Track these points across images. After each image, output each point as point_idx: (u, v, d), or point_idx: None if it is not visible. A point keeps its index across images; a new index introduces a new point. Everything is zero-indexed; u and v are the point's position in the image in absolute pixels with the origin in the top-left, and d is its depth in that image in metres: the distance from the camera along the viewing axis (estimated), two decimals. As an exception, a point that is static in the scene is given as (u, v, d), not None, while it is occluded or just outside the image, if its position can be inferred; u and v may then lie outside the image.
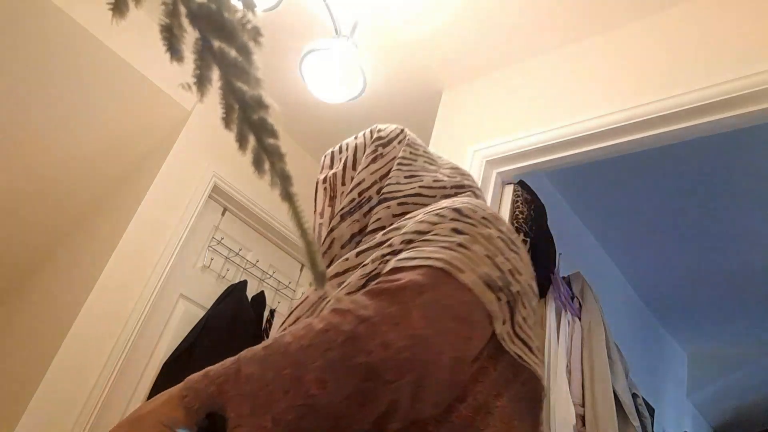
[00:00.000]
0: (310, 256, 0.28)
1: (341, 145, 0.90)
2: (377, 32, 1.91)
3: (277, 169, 0.28)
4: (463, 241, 0.56)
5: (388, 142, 0.83)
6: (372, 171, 0.79)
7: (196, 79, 0.31)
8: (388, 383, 0.46)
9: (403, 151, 0.82)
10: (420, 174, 0.78)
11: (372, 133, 0.87)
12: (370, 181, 0.78)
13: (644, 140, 1.50)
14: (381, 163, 0.80)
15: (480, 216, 0.61)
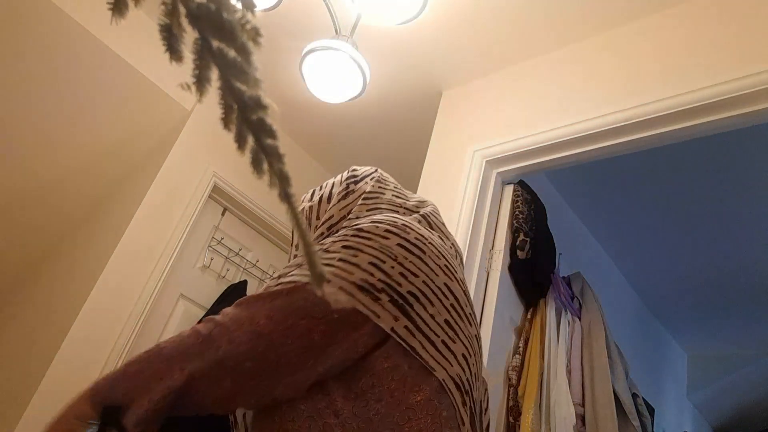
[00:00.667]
0: (309, 257, 0.28)
1: (322, 183, 0.95)
2: (377, 32, 1.91)
3: (275, 170, 0.28)
4: (345, 256, 0.67)
5: (360, 179, 0.90)
6: (341, 207, 0.85)
7: (195, 79, 0.31)
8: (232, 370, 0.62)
9: (372, 186, 0.88)
10: (382, 207, 0.84)
11: (347, 173, 0.94)
12: (338, 216, 0.84)
13: (644, 140, 1.50)
14: (350, 198, 0.86)
15: (383, 230, 0.71)
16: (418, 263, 0.70)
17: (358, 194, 0.87)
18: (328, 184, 0.93)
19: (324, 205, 0.88)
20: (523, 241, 1.74)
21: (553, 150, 1.65)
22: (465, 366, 0.70)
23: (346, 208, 0.85)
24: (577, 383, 1.79)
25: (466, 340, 0.72)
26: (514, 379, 1.63)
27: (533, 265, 1.78)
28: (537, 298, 1.82)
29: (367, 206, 0.84)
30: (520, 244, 1.74)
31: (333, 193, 0.89)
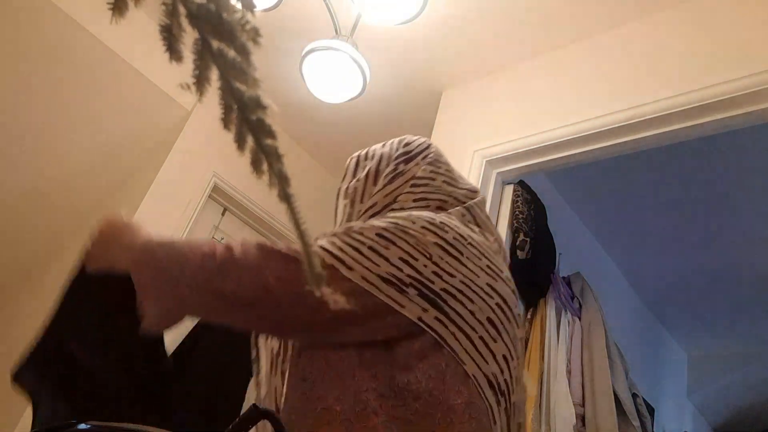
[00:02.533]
0: (308, 258, 0.28)
1: (368, 151, 0.87)
2: (377, 32, 1.91)
3: (275, 170, 0.28)
4: (375, 245, 0.64)
5: (412, 158, 0.82)
6: (386, 193, 0.78)
7: (195, 79, 0.31)
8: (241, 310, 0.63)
9: (423, 170, 0.81)
10: (430, 197, 0.78)
11: (399, 145, 0.85)
12: (382, 204, 0.78)
13: (644, 140, 1.50)
14: (399, 182, 0.79)
15: (419, 226, 0.67)
16: (455, 264, 0.66)
17: (407, 178, 0.80)
18: (376, 155, 0.84)
19: (369, 187, 0.80)
20: (523, 241, 1.74)
21: (553, 150, 1.65)
22: (504, 367, 0.66)
23: (392, 194, 0.78)
24: (577, 383, 1.79)
25: (509, 341, 0.68)
26: (514, 379, 1.63)
27: (533, 265, 1.78)
28: (537, 298, 1.82)
29: (415, 195, 0.78)
30: (520, 244, 1.74)
31: (380, 171, 0.82)
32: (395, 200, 0.78)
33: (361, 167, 0.84)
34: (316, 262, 0.29)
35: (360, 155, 0.87)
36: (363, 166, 0.84)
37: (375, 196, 0.79)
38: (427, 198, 0.78)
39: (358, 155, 0.88)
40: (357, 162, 0.86)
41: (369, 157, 0.85)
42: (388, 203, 0.77)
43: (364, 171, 0.83)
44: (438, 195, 0.79)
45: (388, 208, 0.77)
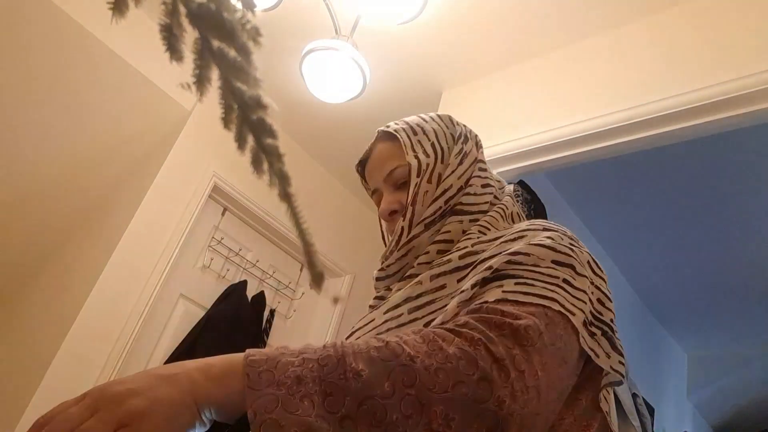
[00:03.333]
0: (308, 257, 0.28)
1: (412, 126, 0.78)
2: (377, 32, 1.91)
3: (275, 169, 0.28)
4: (567, 277, 0.56)
5: (467, 138, 0.78)
6: (458, 175, 0.73)
7: (195, 79, 0.31)
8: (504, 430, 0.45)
9: (480, 153, 0.78)
10: (490, 183, 0.75)
11: (446, 120, 0.80)
12: (457, 187, 0.72)
13: (644, 140, 1.50)
14: (466, 164, 0.75)
15: (567, 242, 0.60)
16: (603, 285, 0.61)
17: (472, 160, 0.75)
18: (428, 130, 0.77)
19: (438, 165, 0.73)
20: (523, 241, 1.74)
21: (553, 150, 1.65)
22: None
23: (463, 176, 0.73)
24: (577, 383, 1.79)
25: None
26: (514, 379, 1.62)
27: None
28: (537, 298, 1.82)
29: (482, 180, 0.74)
30: (520, 244, 1.74)
31: (444, 149, 0.75)
32: (467, 183, 0.73)
33: (416, 142, 0.75)
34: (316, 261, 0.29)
35: (406, 129, 0.77)
36: (417, 141, 0.75)
37: (449, 179, 0.72)
38: (489, 183, 0.75)
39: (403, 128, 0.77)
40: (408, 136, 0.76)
41: (418, 132, 0.77)
42: (461, 186, 0.73)
43: (428, 147, 0.75)
44: (494, 180, 0.77)
45: (461, 191, 0.72)
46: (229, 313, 2.19)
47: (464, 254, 0.62)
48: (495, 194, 0.75)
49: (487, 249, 0.61)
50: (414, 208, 0.71)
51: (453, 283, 0.60)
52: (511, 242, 0.60)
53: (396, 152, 0.76)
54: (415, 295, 0.62)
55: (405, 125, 0.78)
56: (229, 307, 2.21)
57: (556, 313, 0.52)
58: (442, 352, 0.45)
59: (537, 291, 0.53)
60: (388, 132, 0.78)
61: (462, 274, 0.60)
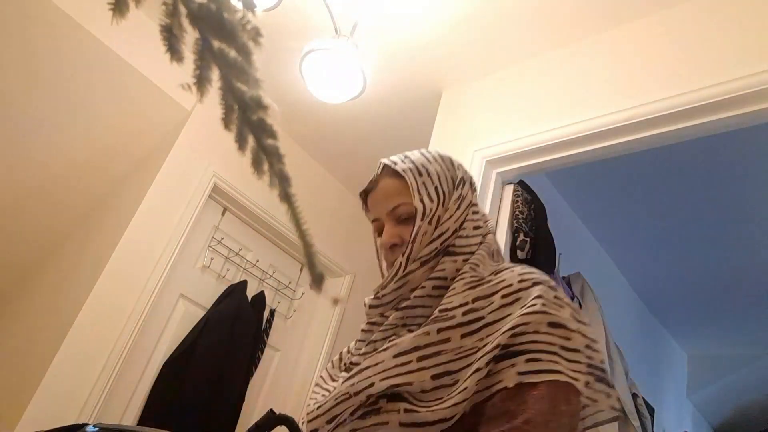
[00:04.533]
0: (308, 258, 0.28)
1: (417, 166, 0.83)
2: (377, 32, 1.91)
3: (276, 170, 0.28)
4: (562, 342, 0.65)
5: (464, 182, 0.85)
6: (455, 219, 0.81)
7: (195, 80, 0.31)
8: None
9: (474, 196, 0.86)
10: (481, 225, 0.83)
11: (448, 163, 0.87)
12: (452, 230, 0.80)
13: (644, 140, 1.50)
14: (462, 208, 0.82)
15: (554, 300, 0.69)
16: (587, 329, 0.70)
17: (467, 204, 0.84)
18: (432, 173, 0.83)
19: (440, 209, 0.80)
20: (523, 241, 1.74)
21: (553, 150, 1.65)
22: None
23: (459, 219, 0.81)
24: (577, 383, 1.79)
25: None
26: (514, 379, 1.62)
27: (533, 265, 1.77)
28: (537, 298, 1.82)
29: (474, 222, 0.83)
30: (520, 244, 1.74)
31: (446, 193, 0.82)
32: (461, 226, 0.81)
33: (421, 185, 0.82)
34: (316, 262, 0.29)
35: (412, 169, 0.83)
36: (422, 183, 0.82)
37: (447, 223, 0.80)
38: (480, 225, 0.83)
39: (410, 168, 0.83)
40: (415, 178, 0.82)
41: (423, 173, 0.83)
42: (456, 229, 0.81)
43: (431, 191, 0.81)
44: (484, 221, 0.85)
45: (456, 234, 0.80)
46: (229, 313, 2.19)
47: (466, 311, 0.70)
48: (483, 234, 0.83)
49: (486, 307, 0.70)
50: (413, 246, 0.79)
51: (457, 338, 0.68)
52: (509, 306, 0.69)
53: (402, 190, 0.83)
54: (424, 345, 0.69)
55: (411, 165, 0.84)
56: (229, 307, 2.21)
57: (563, 384, 0.62)
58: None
59: (544, 366, 0.62)
60: (395, 170, 0.84)
61: (465, 330, 0.69)
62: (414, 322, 0.75)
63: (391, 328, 0.76)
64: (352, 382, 0.70)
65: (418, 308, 0.76)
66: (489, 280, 0.74)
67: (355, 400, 0.69)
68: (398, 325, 0.76)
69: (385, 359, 0.70)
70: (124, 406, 1.93)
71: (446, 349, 0.68)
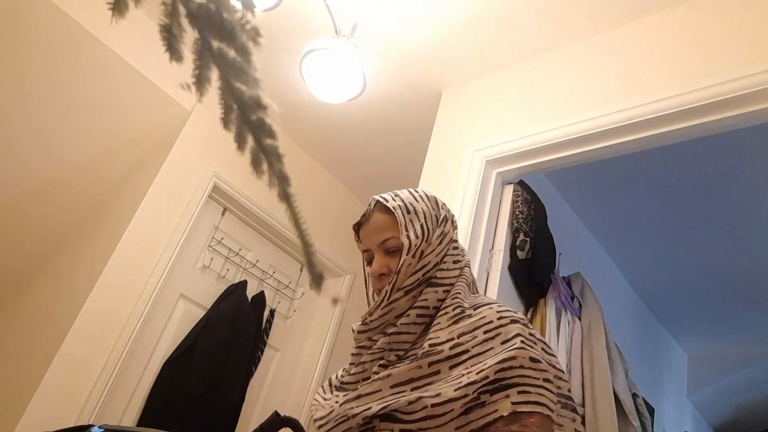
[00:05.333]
0: (307, 258, 0.28)
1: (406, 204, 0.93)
2: (377, 32, 1.91)
3: (275, 170, 0.28)
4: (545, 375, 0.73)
5: (446, 220, 0.94)
6: (437, 253, 0.89)
7: (195, 79, 0.31)
8: None
9: (455, 233, 0.95)
10: (460, 259, 0.92)
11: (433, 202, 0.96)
12: (434, 263, 0.89)
13: (644, 140, 1.50)
14: (444, 244, 0.91)
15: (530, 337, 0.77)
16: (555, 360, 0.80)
17: (449, 240, 0.92)
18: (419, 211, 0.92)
19: (423, 244, 0.89)
20: (523, 241, 1.74)
21: (553, 150, 1.65)
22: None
23: (440, 254, 0.90)
24: (577, 383, 1.79)
25: None
26: (514, 379, 1.62)
27: (533, 265, 1.78)
28: (537, 298, 1.82)
29: (454, 257, 0.91)
30: (520, 244, 1.74)
31: (430, 230, 0.91)
32: (442, 260, 0.89)
33: (408, 221, 0.91)
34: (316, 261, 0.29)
35: (401, 206, 0.92)
36: (410, 220, 0.91)
37: (429, 256, 0.88)
38: (460, 261, 0.92)
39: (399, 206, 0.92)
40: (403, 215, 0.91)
41: (411, 211, 0.92)
42: (437, 262, 0.89)
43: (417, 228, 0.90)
44: (462, 255, 0.93)
45: (437, 267, 0.89)
46: (229, 313, 2.19)
47: (453, 346, 0.78)
48: (462, 267, 0.91)
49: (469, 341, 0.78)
50: (398, 277, 0.87)
51: (446, 369, 0.76)
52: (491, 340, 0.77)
53: (392, 225, 0.92)
54: (417, 377, 0.77)
55: (401, 203, 0.93)
56: (229, 307, 2.21)
57: (546, 417, 0.71)
58: None
59: (533, 398, 0.71)
60: (386, 206, 0.93)
61: (453, 362, 0.76)
62: (400, 347, 0.83)
63: (379, 351, 0.83)
64: (351, 406, 0.77)
65: (404, 335, 0.83)
66: (470, 314, 0.82)
67: (353, 422, 0.76)
68: (385, 349, 0.83)
69: (382, 389, 0.78)
70: (124, 406, 1.93)
71: (437, 379, 0.75)
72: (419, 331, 0.84)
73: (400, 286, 0.87)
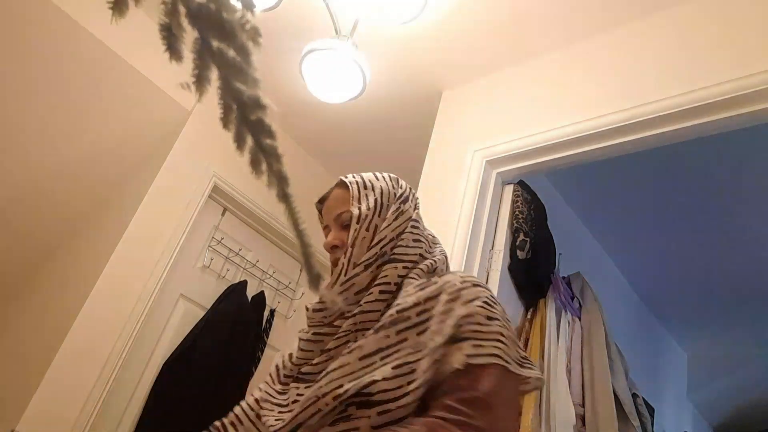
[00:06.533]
0: (305, 258, 0.28)
1: (365, 180, 0.93)
2: (377, 32, 1.91)
3: (274, 170, 0.28)
4: (501, 330, 0.75)
5: (407, 199, 0.93)
6: (393, 228, 0.88)
7: (195, 79, 0.31)
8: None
9: (416, 214, 0.94)
10: (421, 240, 0.91)
11: (393, 182, 0.96)
12: (389, 238, 0.87)
13: (644, 140, 1.50)
14: (401, 220, 0.90)
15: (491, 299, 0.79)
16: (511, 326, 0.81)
17: (407, 218, 0.91)
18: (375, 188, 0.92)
19: (376, 218, 0.88)
20: (523, 241, 1.74)
21: (553, 150, 1.65)
22: None
23: (397, 230, 0.88)
24: (577, 383, 1.79)
25: None
26: (514, 379, 1.62)
27: (533, 265, 1.78)
28: (537, 298, 1.82)
29: (413, 235, 0.90)
30: (520, 244, 1.74)
31: (385, 205, 0.90)
32: (399, 236, 0.88)
33: (363, 195, 0.91)
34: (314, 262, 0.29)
35: (358, 182, 0.93)
36: (365, 194, 0.91)
37: (384, 230, 0.87)
38: (420, 240, 0.90)
39: (357, 181, 0.93)
40: (359, 189, 0.92)
41: (368, 187, 0.92)
42: (393, 238, 0.88)
43: (371, 201, 0.90)
44: (424, 238, 0.92)
45: (393, 242, 0.87)
46: (229, 313, 2.19)
47: (419, 312, 0.78)
48: (426, 249, 0.90)
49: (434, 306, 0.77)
50: (353, 250, 0.86)
51: (413, 336, 0.76)
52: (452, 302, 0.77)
53: (346, 199, 0.92)
54: (385, 347, 0.76)
55: (360, 179, 0.94)
56: (229, 307, 2.21)
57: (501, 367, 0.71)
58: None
59: (486, 351, 0.71)
60: (344, 182, 0.94)
61: (420, 329, 0.76)
62: (366, 327, 0.81)
63: (344, 335, 0.81)
64: (319, 385, 0.74)
65: (369, 313, 0.82)
66: (435, 281, 0.81)
67: (322, 402, 0.72)
68: (352, 331, 0.81)
69: (351, 361, 0.76)
70: (124, 405, 1.93)
71: (405, 346, 0.75)
72: (383, 308, 0.82)
73: (357, 261, 0.86)
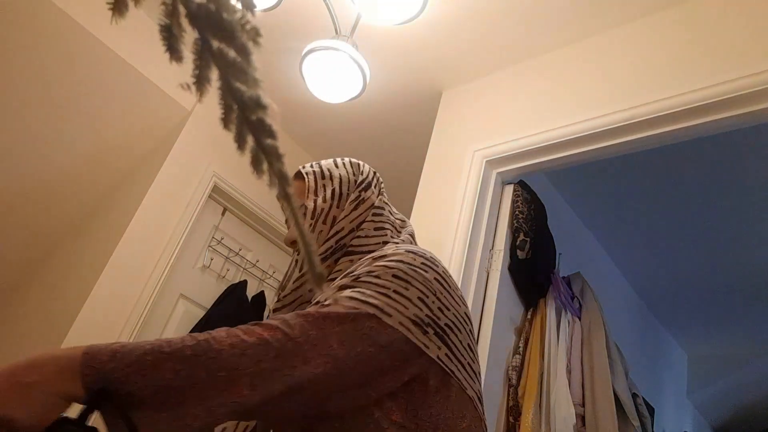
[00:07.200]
0: (308, 257, 0.28)
1: (323, 169, 0.89)
2: (377, 32, 1.91)
3: (275, 170, 0.28)
4: (398, 288, 0.68)
5: (368, 186, 0.89)
6: (351, 219, 0.84)
7: (195, 79, 0.31)
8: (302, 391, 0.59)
9: (380, 200, 0.89)
10: (385, 227, 0.85)
11: (353, 168, 0.91)
12: (348, 230, 0.83)
13: (644, 140, 1.50)
14: (361, 209, 0.85)
15: (420, 263, 0.72)
16: (448, 297, 0.72)
17: (368, 206, 0.86)
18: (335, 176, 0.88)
19: (334, 209, 0.84)
20: (523, 241, 1.74)
21: (553, 150, 1.65)
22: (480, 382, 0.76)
23: (356, 220, 0.84)
24: (577, 383, 1.79)
25: (478, 359, 0.77)
26: (514, 379, 1.63)
27: (533, 265, 1.78)
28: (537, 298, 1.82)
29: (375, 223, 0.85)
30: (520, 243, 1.74)
31: (344, 195, 0.86)
32: (359, 227, 0.84)
33: (320, 186, 0.87)
34: (317, 261, 0.29)
35: (316, 172, 0.89)
36: (322, 185, 0.87)
37: (342, 222, 0.83)
38: (383, 227, 0.85)
39: (314, 172, 0.89)
40: (315, 179, 0.88)
41: (326, 177, 0.88)
42: (353, 229, 0.83)
43: (328, 192, 0.86)
44: (389, 224, 0.87)
45: (353, 233, 0.83)
46: (229, 313, 2.19)
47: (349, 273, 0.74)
48: (391, 235, 0.85)
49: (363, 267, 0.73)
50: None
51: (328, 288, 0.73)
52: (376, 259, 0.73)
53: (304, 191, 0.88)
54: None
55: (318, 169, 0.90)
56: (229, 307, 2.21)
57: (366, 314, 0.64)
58: (244, 342, 0.57)
59: (362, 297, 0.66)
60: (300, 173, 0.91)
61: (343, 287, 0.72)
62: None
63: None
64: None
65: None
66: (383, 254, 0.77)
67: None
68: None
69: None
70: (124, 406, 1.93)
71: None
72: None
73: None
